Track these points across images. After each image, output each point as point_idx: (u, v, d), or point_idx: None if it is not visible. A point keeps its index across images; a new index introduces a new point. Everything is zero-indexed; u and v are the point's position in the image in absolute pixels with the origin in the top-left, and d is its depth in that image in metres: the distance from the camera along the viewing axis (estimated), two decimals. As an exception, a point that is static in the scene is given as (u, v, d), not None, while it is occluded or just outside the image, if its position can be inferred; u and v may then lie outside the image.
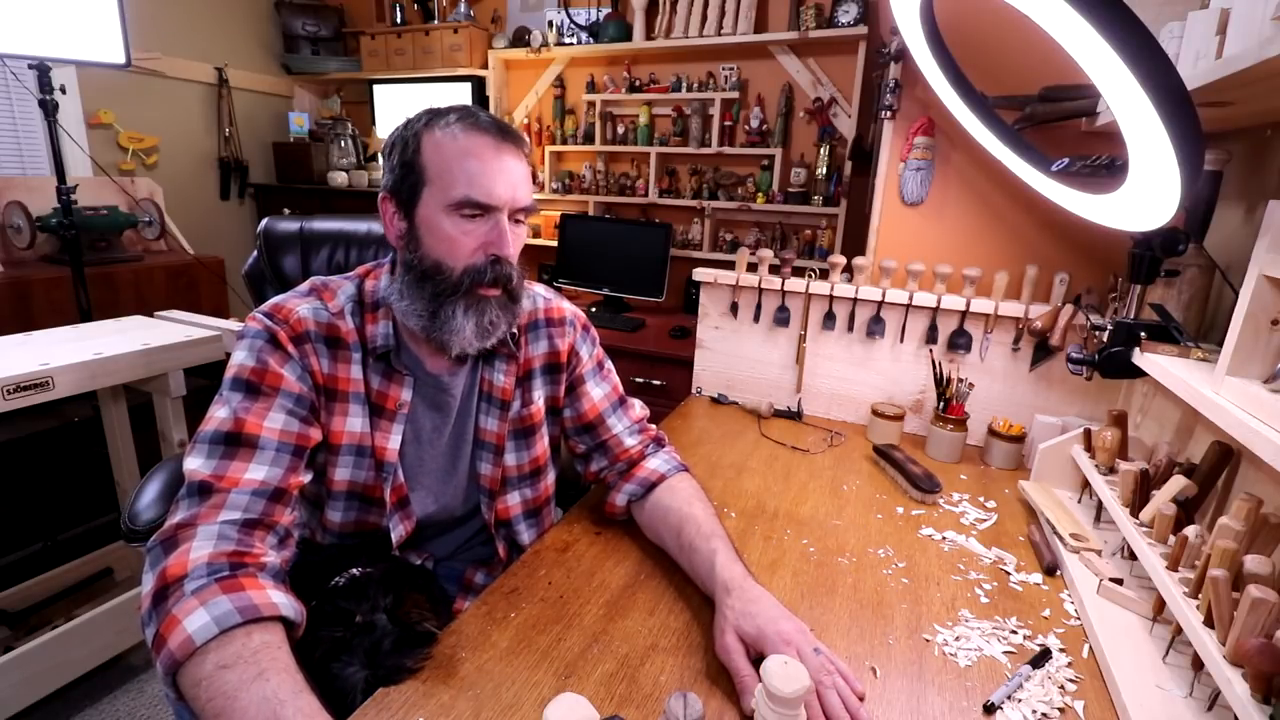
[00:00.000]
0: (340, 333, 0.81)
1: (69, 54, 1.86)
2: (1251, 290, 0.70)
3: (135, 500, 0.96)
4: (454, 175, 0.76)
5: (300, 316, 0.79)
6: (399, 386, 0.84)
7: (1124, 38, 0.61)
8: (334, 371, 0.81)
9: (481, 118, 0.79)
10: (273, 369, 0.75)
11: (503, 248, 0.78)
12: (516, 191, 0.78)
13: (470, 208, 0.76)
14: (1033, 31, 0.73)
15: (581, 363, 0.98)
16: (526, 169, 0.82)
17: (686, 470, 0.97)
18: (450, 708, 0.62)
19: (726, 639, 0.68)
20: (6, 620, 1.53)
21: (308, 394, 0.77)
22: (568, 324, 0.97)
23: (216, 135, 3.25)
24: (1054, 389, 1.29)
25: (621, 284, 2.64)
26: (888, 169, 1.45)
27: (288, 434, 0.74)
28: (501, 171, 0.77)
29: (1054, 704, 0.66)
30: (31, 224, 2.26)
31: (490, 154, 0.77)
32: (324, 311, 0.81)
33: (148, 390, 1.54)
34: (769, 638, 0.66)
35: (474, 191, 0.76)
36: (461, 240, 0.78)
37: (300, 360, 0.78)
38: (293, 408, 0.75)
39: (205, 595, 0.59)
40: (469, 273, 0.78)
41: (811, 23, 2.37)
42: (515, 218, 0.81)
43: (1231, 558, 0.61)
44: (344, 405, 0.81)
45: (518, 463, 0.94)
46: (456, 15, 3.00)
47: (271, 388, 0.75)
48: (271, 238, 1.21)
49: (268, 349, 0.76)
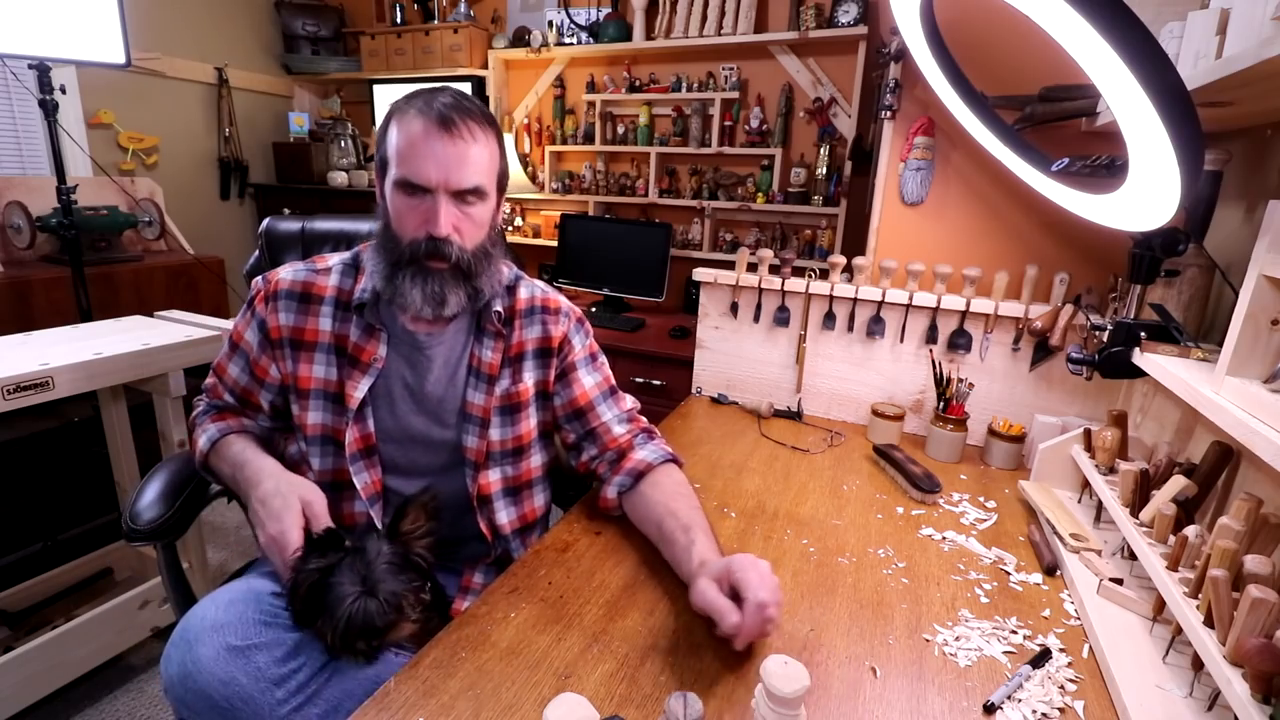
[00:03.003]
0: (314, 289, 0.93)
1: (69, 54, 1.86)
2: (1251, 290, 0.70)
3: (135, 500, 0.96)
4: (399, 157, 0.83)
5: (280, 278, 0.93)
6: (376, 341, 0.92)
7: (1124, 38, 0.61)
8: (300, 324, 0.92)
9: (436, 103, 0.83)
10: (238, 329, 0.94)
11: (434, 227, 0.83)
12: (450, 174, 0.82)
13: (407, 187, 0.84)
14: (1033, 31, 0.73)
15: (574, 351, 1.01)
16: (480, 151, 0.84)
17: (675, 460, 0.98)
18: (450, 708, 0.62)
19: (699, 584, 0.72)
20: (6, 620, 1.53)
21: (256, 348, 0.93)
22: (562, 314, 1.01)
23: (216, 135, 3.25)
24: (1054, 389, 1.29)
25: (621, 284, 2.64)
26: (888, 169, 1.45)
27: (238, 383, 0.95)
28: (433, 155, 0.82)
29: (1054, 704, 0.66)
30: (31, 224, 2.25)
31: (426, 138, 0.82)
32: (305, 271, 0.94)
33: (148, 390, 1.54)
34: (736, 562, 0.71)
35: (408, 172, 0.83)
36: (405, 215, 0.85)
37: (261, 317, 0.92)
38: (244, 364, 0.94)
39: (206, 422, 0.94)
40: (411, 246, 0.85)
41: (811, 23, 2.37)
42: (466, 199, 0.85)
43: (1231, 558, 0.61)
44: (310, 354, 0.92)
45: (501, 438, 0.96)
46: (456, 15, 3.00)
47: (234, 345, 0.95)
48: (273, 238, 1.21)
49: (245, 309, 0.95)
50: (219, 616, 0.71)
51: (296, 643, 0.73)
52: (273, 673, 0.69)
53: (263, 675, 0.69)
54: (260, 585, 0.79)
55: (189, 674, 0.68)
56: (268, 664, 0.70)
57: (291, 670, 0.71)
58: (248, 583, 0.81)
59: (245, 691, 0.68)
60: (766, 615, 0.67)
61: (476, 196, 0.86)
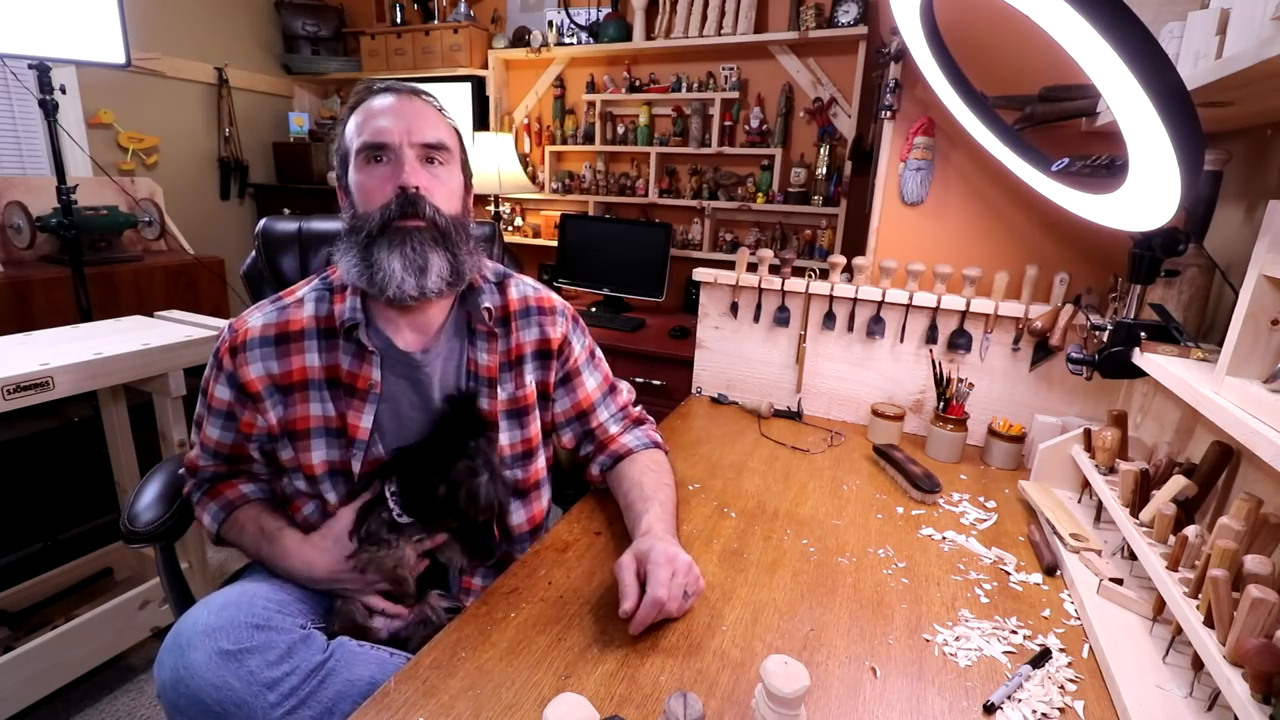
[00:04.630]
0: (290, 327, 0.87)
1: (69, 54, 1.86)
2: (1251, 290, 0.70)
3: (135, 500, 0.96)
4: (359, 130, 0.84)
5: (249, 326, 0.87)
6: (369, 366, 0.88)
7: (1124, 38, 0.61)
8: (285, 368, 0.86)
9: (386, 84, 0.87)
10: (210, 386, 0.89)
11: (406, 178, 0.82)
12: (411, 125, 0.84)
13: (370, 150, 0.84)
14: (1033, 31, 0.73)
15: (575, 355, 1.01)
16: (438, 117, 0.88)
17: (658, 447, 1.04)
18: (450, 708, 0.62)
19: (622, 558, 0.76)
20: (6, 620, 1.53)
21: (234, 404, 0.87)
22: (559, 314, 1.01)
23: (216, 135, 3.24)
24: (1054, 389, 1.29)
25: (621, 284, 2.64)
26: (888, 169, 1.45)
27: (222, 444, 0.90)
28: (388, 112, 0.84)
29: (1054, 704, 0.66)
30: (31, 224, 2.25)
31: (383, 105, 0.85)
32: (274, 312, 0.89)
33: (148, 390, 1.54)
34: (655, 555, 0.74)
35: (369, 136, 0.83)
36: (371, 184, 0.84)
37: (232, 372, 0.86)
38: (223, 423, 0.89)
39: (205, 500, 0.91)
40: (383, 210, 0.83)
41: (811, 23, 2.37)
42: (430, 158, 0.86)
43: (1231, 558, 0.61)
44: (303, 394, 0.87)
45: (510, 442, 0.96)
46: (456, 15, 3.00)
47: (209, 406, 0.89)
48: (270, 238, 1.21)
49: (212, 365, 0.89)
50: (211, 620, 0.71)
51: (289, 646, 0.72)
52: (265, 676, 0.69)
53: (255, 679, 0.69)
54: (255, 589, 0.79)
55: (181, 679, 0.68)
56: (260, 667, 0.69)
57: (284, 674, 0.70)
58: (242, 586, 0.80)
59: (238, 696, 0.68)
60: (663, 611, 0.72)
61: (441, 155, 0.86)
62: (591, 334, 1.08)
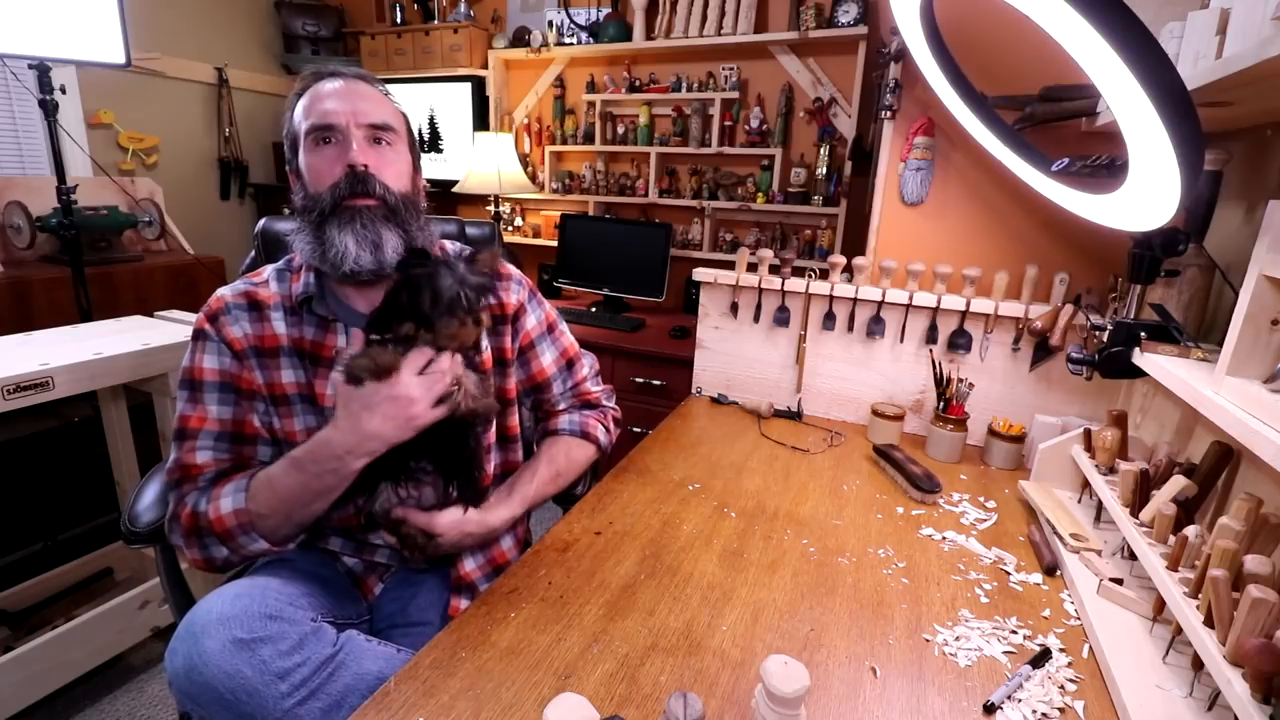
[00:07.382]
0: (259, 297, 0.91)
1: (69, 54, 1.86)
2: (1251, 290, 0.70)
3: (135, 501, 0.96)
4: (305, 114, 0.87)
5: (219, 295, 0.91)
6: (333, 334, 0.91)
7: (1124, 38, 0.61)
8: (260, 330, 0.90)
9: (330, 69, 0.89)
10: (196, 366, 0.88)
11: (354, 156, 0.84)
12: (356, 107, 0.86)
13: (318, 132, 0.86)
14: (1033, 31, 0.73)
15: (529, 325, 1.04)
16: (384, 100, 0.91)
17: (584, 436, 1.06)
18: (450, 708, 0.62)
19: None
20: (6, 620, 1.53)
21: (229, 365, 0.88)
22: (514, 281, 1.03)
23: (216, 135, 3.24)
24: (1054, 389, 1.29)
25: (621, 284, 2.64)
26: (888, 169, 1.45)
27: (224, 420, 0.88)
28: (334, 95, 0.86)
29: (1054, 704, 0.67)
30: (31, 224, 2.25)
31: (326, 90, 0.87)
32: (243, 284, 0.92)
33: (148, 390, 1.54)
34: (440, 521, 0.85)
35: (315, 118, 0.86)
36: (320, 164, 0.86)
37: (216, 337, 0.88)
38: (221, 394, 0.88)
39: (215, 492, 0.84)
40: (333, 190, 0.85)
41: (811, 23, 2.37)
42: (377, 138, 0.88)
43: (1231, 558, 0.61)
44: (275, 360, 0.90)
45: None
46: (456, 15, 3.00)
47: (198, 384, 0.88)
48: (269, 237, 1.21)
49: (193, 345, 0.89)
50: (226, 609, 0.71)
51: (301, 637, 0.73)
52: (277, 666, 0.69)
53: (267, 668, 0.69)
54: (265, 581, 0.79)
55: (194, 666, 0.68)
56: (273, 657, 0.70)
57: (296, 664, 0.71)
58: (252, 579, 0.81)
59: (250, 684, 0.68)
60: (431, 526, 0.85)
61: (388, 136, 0.88)
62: (591, 334, 1.09)
